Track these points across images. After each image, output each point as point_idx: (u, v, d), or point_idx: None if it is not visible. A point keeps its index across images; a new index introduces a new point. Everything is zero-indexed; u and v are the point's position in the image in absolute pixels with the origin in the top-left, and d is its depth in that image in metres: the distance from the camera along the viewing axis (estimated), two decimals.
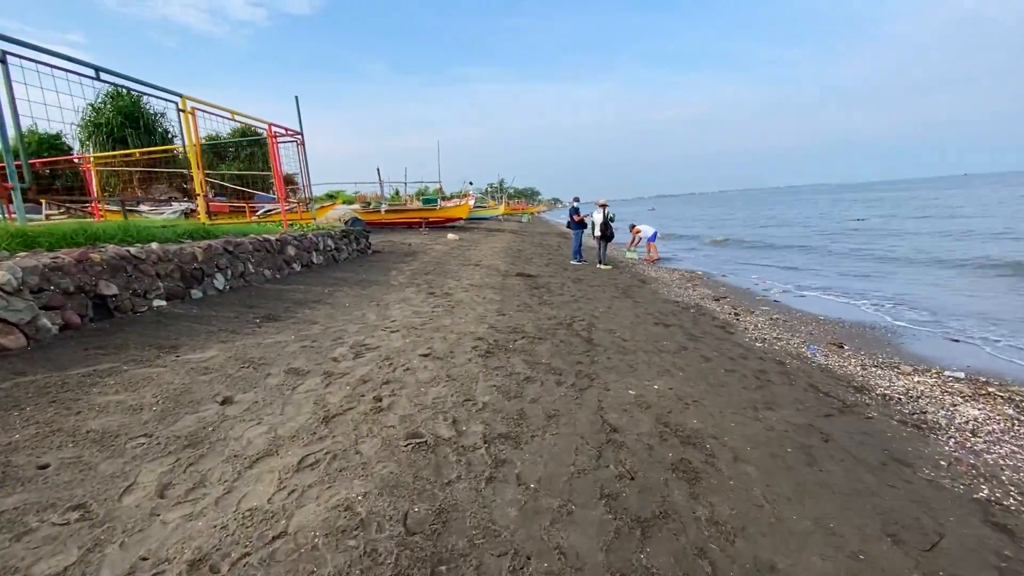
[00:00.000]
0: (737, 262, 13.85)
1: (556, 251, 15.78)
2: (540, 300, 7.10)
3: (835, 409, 3.69)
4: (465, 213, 26.38)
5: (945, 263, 11.02)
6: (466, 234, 21.60)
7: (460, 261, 11.11)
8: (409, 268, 9.46)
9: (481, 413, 3.14)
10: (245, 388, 3.28)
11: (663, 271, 11.73)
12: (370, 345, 4.37)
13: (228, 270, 6.32)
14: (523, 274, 9.58)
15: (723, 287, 9.50)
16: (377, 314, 5.57)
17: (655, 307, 7.16)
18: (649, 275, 10.91)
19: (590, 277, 9.98)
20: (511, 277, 9.08)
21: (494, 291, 7.43)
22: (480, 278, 8.63)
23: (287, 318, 5.15)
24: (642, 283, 9.59)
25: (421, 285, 7.65)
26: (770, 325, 6.39)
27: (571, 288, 8.40)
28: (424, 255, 12.01)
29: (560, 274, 10.18)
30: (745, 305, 7.71)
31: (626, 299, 7.72)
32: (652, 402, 3.57)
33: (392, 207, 25.19)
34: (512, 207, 62.82)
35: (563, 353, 4.58)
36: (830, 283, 9.82)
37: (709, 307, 7.45)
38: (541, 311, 6.32)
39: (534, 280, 8.98)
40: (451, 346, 4.46)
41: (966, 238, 15.48)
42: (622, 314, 6.54)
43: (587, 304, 7.06)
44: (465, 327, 5.17)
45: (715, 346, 5.23)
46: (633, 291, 8.54)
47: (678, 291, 8.83)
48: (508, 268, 10.27)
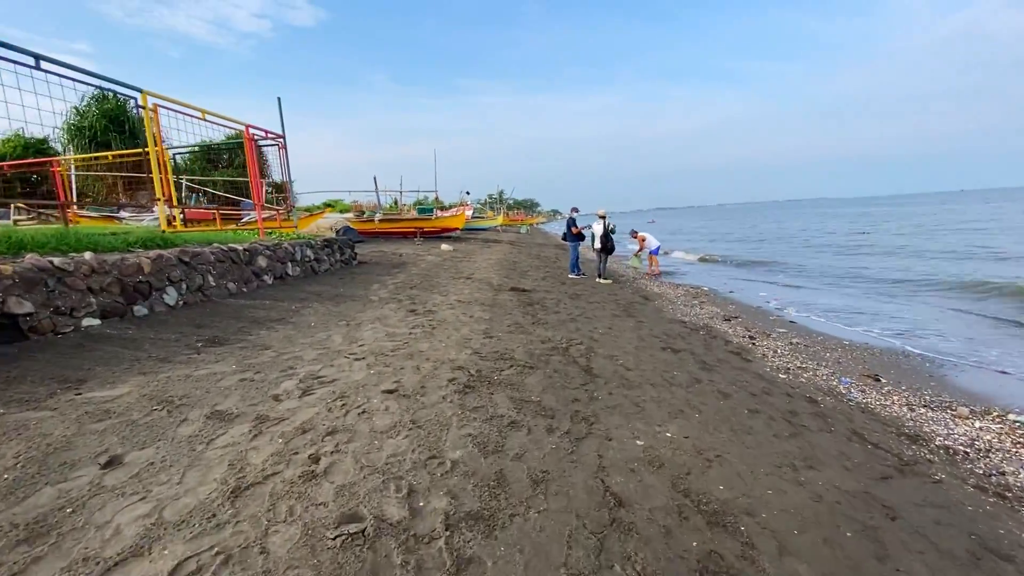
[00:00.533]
0: (743, 278, 13.19)
1: (554, 263, 15.12)
2: (534, 319, 6.41)
3: (892, 468, 2.98)
4: (461, 223, 25.76)
5: (964, 287, 10.36)
6: (461, 245, 20.96)
7: (451, 274, 10.43)
8: (394, 281, 8.77)
9: (448, 478, 2.43)
10: (145, 441, 2.56)
11: (666, 286, 11.05)
12: (325, 378, 3.65)
13: (183, 283, 5.62)
14: (517, 289, 8.89)
15: (732, 305, 8.81)
16: (344, 336, 4.86)
17: (660, 328, 6.46)
18: (652, 291, 10.23)
19: (589, 293, 9.29)
20: (504, 292, 8.40)
21: (483, 308, 6.74)
22: (470, 293, 7.94)
23: (236, 341, 4.44)
24: (645, 300, 8.90)
25: (403, 301, 6.95)
26: (791, 351, 5.69)
27: (568, 305, 7.71)
28: (413, 267, 11.32)
29: (557, 289, 9.50)
30: (759, 326, 7.01)
31: (628, 318, 7.02)
32: (665, 457, 2.86)
33: (386, 216, 24.58)
34: (511, 218, 62.35)
35: (557, 387, 3.87)
36: (847, 303, 9.14)
37: (720, 329, 6.75)
38: (534, 332, 5.62)
39: (528, 296, 8.29)
40: (423, 379, 3.75)
41: (973, 258, 14.88)
42: (624, 336, 5.84)
43: (586, 324, 6.37)
44: (444, 353, 4.47)
45: (733, 378, 4.52)
46: (635, 309, 7.84)
47: (684, 309, 8.13)
48: (501, 282, 9.58)
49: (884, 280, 11.28)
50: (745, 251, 21.22)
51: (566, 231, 11.81)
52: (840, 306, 8.78)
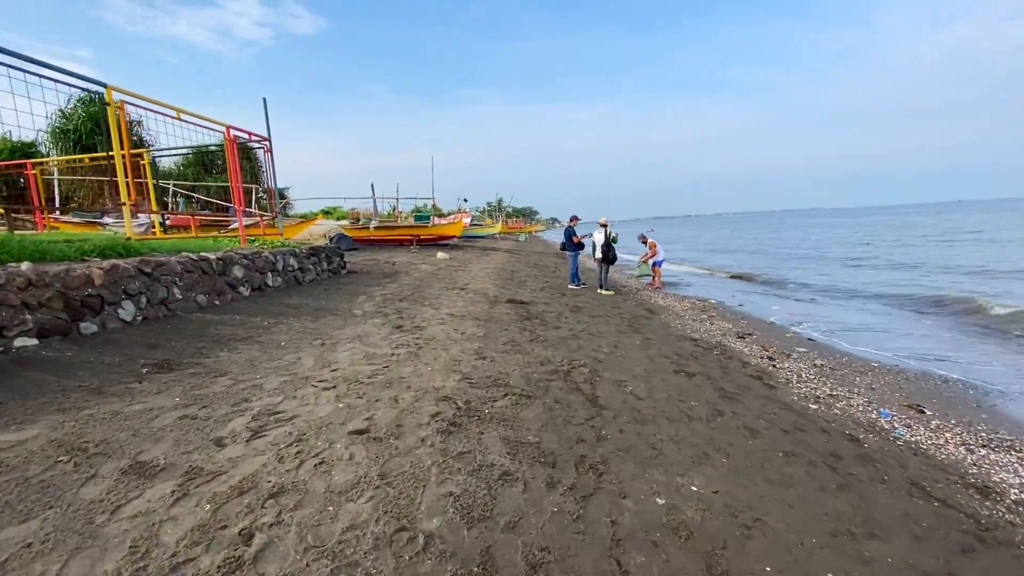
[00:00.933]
0: (750, 291, 12.66)
1: (553, 273, 14.59)
2: (532, 335, 5.86)
3: (971, 535, 2.42)
4: (459, 231, 25.27)
5: (976, 309, 9.84)
6: (458, 253, 20.44)
7: (445, 284, 9.88)
8: (382, 292, 8.21)
9: (417, 563, 1.86)
10: (32, 510, 2.00)
11: (671, 299, 10.52)
12: (283, 414, 3.08)
13: (142, 297, 5.06)
14: (514, 301, 8.35)
15: (744, 320, 8.27)
16: (317, 359, 4.30)
17: (670, 346, 5.91)
18: (657, 304, 9.68)
19: (591, 305, 8.75)
20: (500, 304, 7.85)
21: (477, 323, 6.18)
22: (463, 306, 7.39)
23: (189, 365, 3.87)
24: (650, 313, 8.35)
25: (390, 315, 6.39)
26: (817, 375, 5.14)
27: (569, 319, 7.17)
28: (405, 276, 10.77)
29: (557, 301, 8.95)
30: (777, 345, 6.47)
31: (634, 334, 6.48)
32: (694, 523, 2.30)
33: (382, 223, 24.09)
34: (509, 226, 61.95)
35: (558, 422, 3.32)
36: (866, 319, 8.60)
37: (735, 347, 6.20)
38: (532, 351, 5.06)
39: (526, 308, 7.74)
40: (401, 414, 3.19)
41: (983, 273, 14.40)
42: (632, 356, 5.29)
43: (589, 341, 5.82)
44: (429, 379, 3.91)
45: (759, 409, 3.97)
46: (641, 324, 7.30)
47: (693, 324, 7.59)
48: (498, 293, 9.04)
49: (901, 296, 10.76)
50: (755, 264, 20.76)
51: (565, 241, 11.30)
52: (859, 323, 8.23)
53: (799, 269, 17.03)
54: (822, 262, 19.26)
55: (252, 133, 9.16)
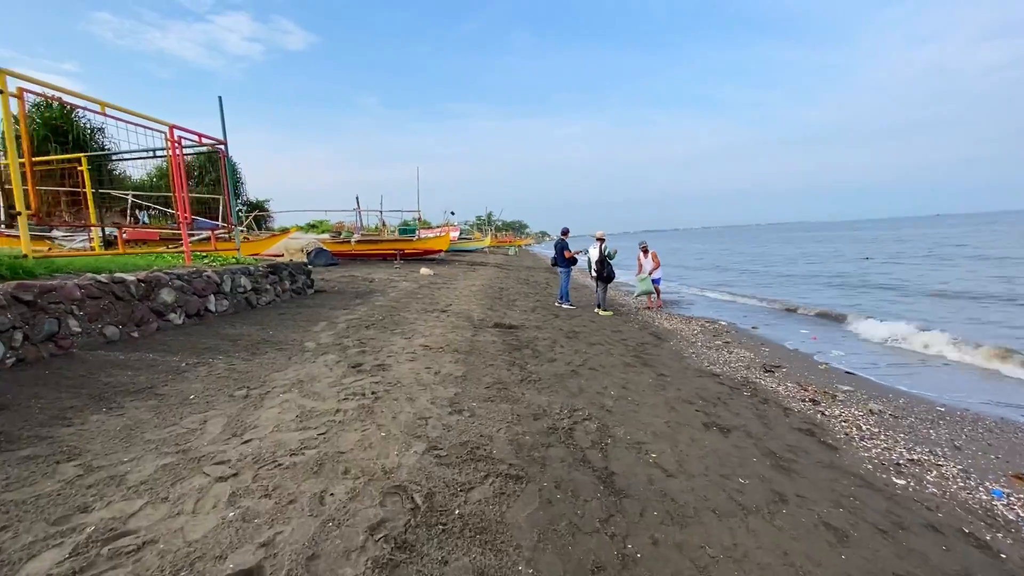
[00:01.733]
0: (759, 311, 11.72)
1: (544, 290, 13.57)
2: (522, 372, 4.79)
3: None
4: (445, 245, 24.22)
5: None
6: (445, 268, 19.36)
7: (424, 305, 8.78)
8: (349, 317, 7.08)
9: None
10: None
11: (677, 319, 9.52)
12: (130, 537, 1.95)
13: (16, 332, 3.90)
14: (502, 325, 7.28)
15: (764, 347, 7.26)
16: (229, 421, 3.17)
17: (691, 386, 4.87)
18: (662, 327, 8.66)
19: (588, 329, 7.71)
20: (485, 330, 6.77)
21: (456, 358, 5.09)
22: (442, 333, 6.29)
23: (29, 442, 2.70)
24: (657, 340, 7.33)
25: (349, 349, 5.26)
26: (881, 427, 4.11)
27: (566, 348, 6.11)
28: (381, 296, 9.65)
29: (550, 324, 7.90)
30: (813, 381, 5.46)
31: (644, 368, 5.43)
32: None
33: (365, 237, 22.97)
34: (499, 239, 61.11)
35: (561, 528, 2.24)
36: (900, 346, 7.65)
37: (766, 385, 5.18)
38: (523, 398, 3.99)
39: (516, 335, 6.68)
40: (323, 528, 2.08)
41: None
42: (647, 401, 4.23)
43: (592, 380, 4.76)
44: (380, 453, 2.80)
45: (829, 488, 2.92)
46: (649, 353, 6.26)
47: (709, 354, 6.56)
48: (484, 315, 7.96)
49: (923, 318, 9.89)
50: (758, 281, 19.98)
51: (556, 256, 10.29)
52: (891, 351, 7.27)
53: (804, 287, 16.22)
54: (827, 280, 18.46)
55: (203, 135, 8.06)
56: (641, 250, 11.07)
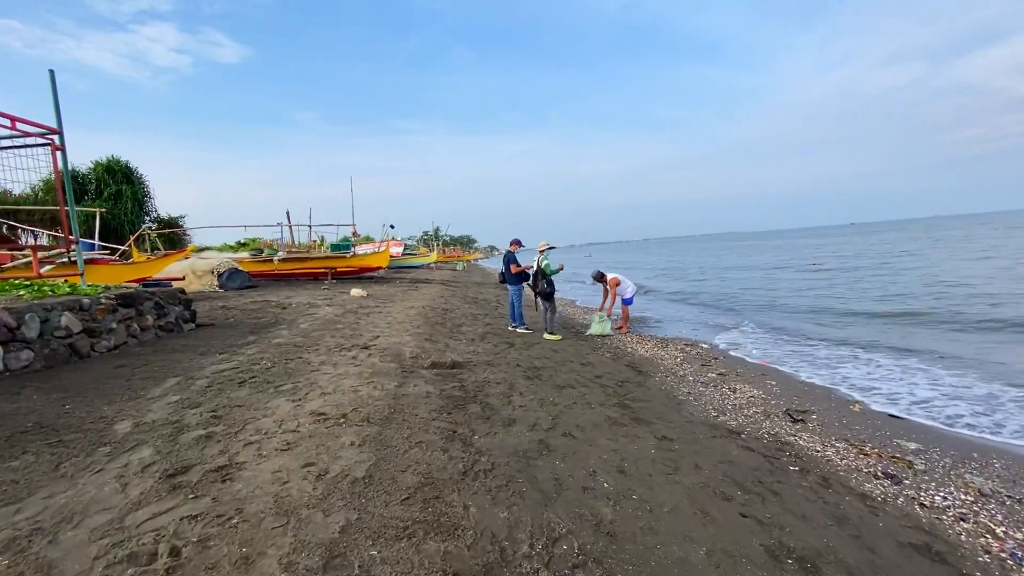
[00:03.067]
0: (732, 325, 10.65)
1: (495, 310, 11.92)
2: (466, 456, 3.10)
3: None
4: (385, 262, 22.09)
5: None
6: (382, 287, 17.27)
7: (342, 339, 6.86)
8: (218, 369, 5.07)
9: None
10: None
11: (651, 343, 8.14)
12: None
13: None
14: (442, 364, 5.54)
15: (769, 379, 5.92)
16: None
17: (710, 456, 3.36)
18: (637, 353, 7.22)
19: (552, 362, 6.12)
20: (418, 374, 5.02)
21: (363, 435, 3.31)
22: (353, 387, 4.47)
23: None
24: (638, 373, 5.84)
25: (186, 432, 3.33)
26: (1013, 520, 2.76)
27: (527, 397, 4.48)
28: (287, 329, 7.62)
29: (504, 357, 6.26)
30: (865, 436, 4.11)
31: (637, 426, 3.89)
32: None
33: (291, 254, 20.41)
34: (446, 255, 59.02)
35: None
36: (918, 374, 6.60)
37: (810, 449, 3.75)
38: (465, 518, 2.30)
39: (459, 378, 4.98)
40: None
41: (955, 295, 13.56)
42: (662, 501, 2.66)
43: (570, 459, 3.15)
44: None
45: None
46: (636, 398, 4.73)
47: (709, 393, 5.13)
48: (419, 349, 6.19)
49: (904, 321, 9.13)
50: (716, 290, 19.34)
51: (504, 270, 8.69)
52: (928, 383, 5.90)
53: (759, 295, 15.62)
54: (770, 279, 18.13)
55: (18, 119, 5.80)
56: (596, 280, 9.52)
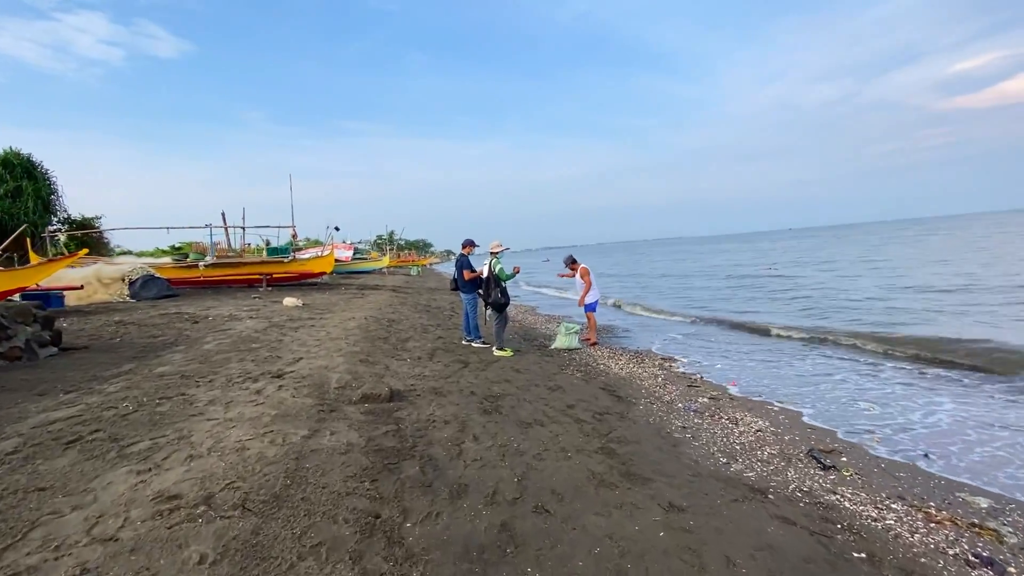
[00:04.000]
0: (702, 335, 9.96)
1: (450, 319, 10.75)
2: (387, 553, 1.99)
3: None
4: (329, 267, 20.30)
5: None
6: (324, 295, 15.64)
7: (251, 364, 5.51)
8: (47, 419, 3.64)
9: None
10: None
11: (624, 357, 7.20)
12: None
13: None
14: (375, 397, 4.34)
15: (770, 405, 5.08)
16: None
17: (735, 531, 2.40)
18: (611, 371, 6.26)
19: (513, 387, 5.05)
20: (341, 412, 3.82)
21: (226, 532, 2.11)
22: (241, 439, 3.21)
23: None
24: (618, 400, 4.85)
25: None
26: None
27: (481, 438, 3.40)
28: (182, 352, 6.14)
29: (455, 381, 5.13)
30: (923, 491, 3.28)
31: (632, 487, 2.88)
32: None
33: (221, 260, 18.32)
34: (400, 259, 56.82)
35: None
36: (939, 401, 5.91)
37: (859, 513, 2.83)
38: None
39: (396, 416, 3.82)
40: None
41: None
42: None
43: (545, 553, 2.09)
44: None
45: None
46: (623, 440, 3.72)
47: (710, 430, 4.17)
48: (350, 375, 4.96)
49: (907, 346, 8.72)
50: (685, 296, 18.95)
51: (457, 276, 7.56)
52: (957, 412, 4.92)
53: (722, 297, 15.27)
54: (731, 281, 17.93)
55: None
56: (567, 265, 8.63)
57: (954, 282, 13.95)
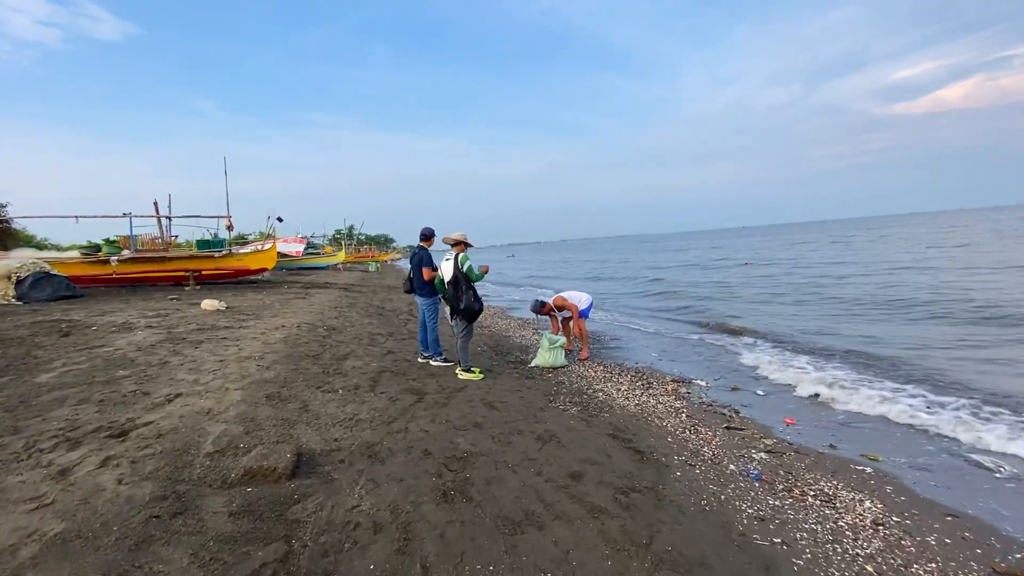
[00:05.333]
0: (689, 340, 8.66)
1: (405, 325, 9.03)
2: None
3: None
4: (271, 262, 18.01)
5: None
6: (261, 295, 13.49)
7: (95, 407, 3.67)
8: None
9: None
10: None
11: (626, 380, 5.66)
12: None
13: None
14: (266, 473, 2.66)
15: (865, 472, 3.70)
16: None
17: None
18: (617, 404, 4.73)
19: (487, 435, 3.49)
20: (193, 513, 2.12)
21: None
22: None
23: None
24: (643, 461, 3.34)
25: None
26: None
27: (435, 569, 1.80)
28: (15, 382, 4.21)
29: (402, 429, 3.51)
30: None
31: None
32: None
33: (141, 254, 15.74)
34: (359, 254, 53.93)
35: None
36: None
37: None
38: None
39: (287, 515, 2.18)
40: None
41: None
42: None
43: None
44: None
45: None
46: (682, 567, 2.24)
47: (809, 526, 2.72)
48: (241, 427, 3.25)
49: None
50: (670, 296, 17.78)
51: (413, 274, 5.89)
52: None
53: (700, 294, 14.18)
54: (707, 276, 16.96)
55: None
56: (536, 310, 6.97)
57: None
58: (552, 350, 5.94)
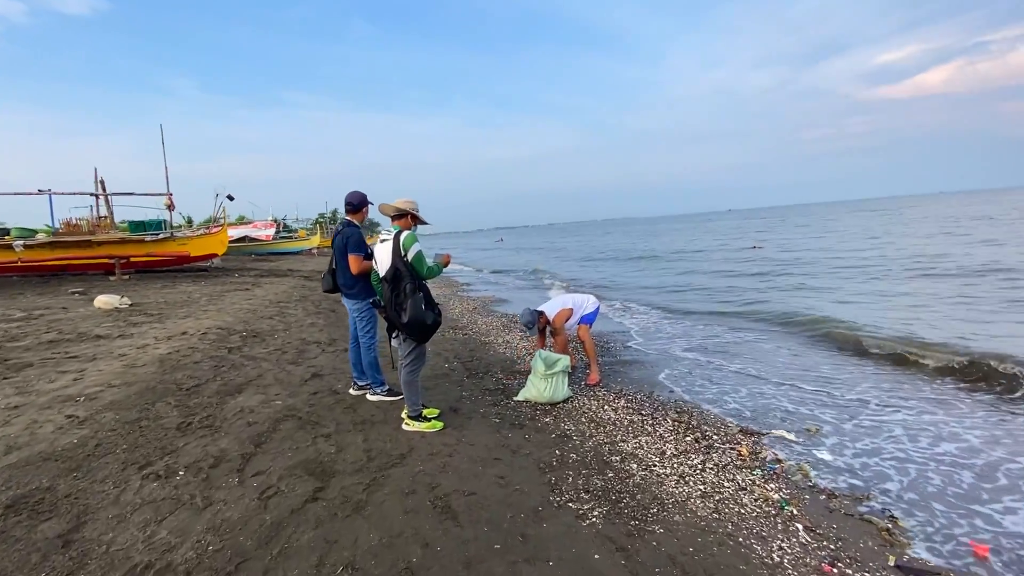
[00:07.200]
0: (727, 369, 6.71)
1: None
2: None
3: None
4: (221, 247, 15.67)
5: None
6: (196, 285, 11.26)
7: None
8: None
9: None
10: None
11: (664, 430, 3.71)
12: None
13: None
14: None
15: None
16: None
17: None
18: (666, 491, 2.77)
19: None
20: None
21: None
22: None
23: None
24: None
25: None
26: None
27: None
28: None
29: None
30: None
31: None
32: None
33: (59, 238, 13.29)
34: None
35: None
36: None
37: None
38: None
39: None
40: None
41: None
42: None
43: None
44: None
45: None
46: None
47: None
48: None
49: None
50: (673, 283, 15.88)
51: (335, 265, 3.83)
52: None
53: (710, 287, 12.28)
54: (719, 265, 14.96)
55: None
56: (526, 324, 4.84)
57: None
58: (548, 377, 3.92)
